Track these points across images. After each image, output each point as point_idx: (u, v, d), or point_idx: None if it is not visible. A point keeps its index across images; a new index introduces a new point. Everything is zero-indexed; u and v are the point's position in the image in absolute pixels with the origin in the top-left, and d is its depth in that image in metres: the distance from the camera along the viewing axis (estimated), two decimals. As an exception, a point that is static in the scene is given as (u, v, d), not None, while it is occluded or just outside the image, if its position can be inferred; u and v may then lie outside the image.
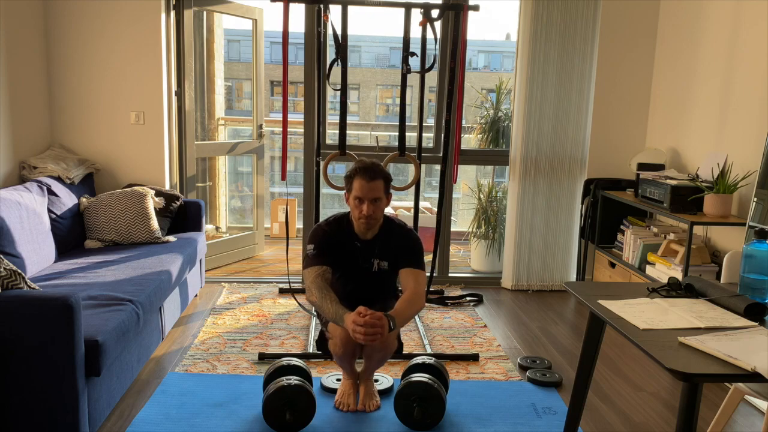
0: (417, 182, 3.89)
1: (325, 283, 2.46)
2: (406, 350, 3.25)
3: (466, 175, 6.11)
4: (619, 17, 4.25)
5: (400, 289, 2.63)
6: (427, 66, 3.71)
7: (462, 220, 5.94)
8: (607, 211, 4.22)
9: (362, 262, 2.58)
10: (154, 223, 3.70)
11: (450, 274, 4.57)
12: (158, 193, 3.91)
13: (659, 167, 3.89)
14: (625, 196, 3.90)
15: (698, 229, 3.63)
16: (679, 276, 3.25)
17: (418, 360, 2.71)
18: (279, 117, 5.00)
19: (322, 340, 2.69)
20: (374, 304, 2.54)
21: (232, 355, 3.14)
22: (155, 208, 3.80)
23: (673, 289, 2.01)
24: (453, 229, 4.63)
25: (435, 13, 3.62)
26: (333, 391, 2.76)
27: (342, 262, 2.56)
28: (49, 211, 3.37)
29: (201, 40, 5.09)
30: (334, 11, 3.63)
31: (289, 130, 3.78)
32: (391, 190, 2.62)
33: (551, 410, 2.67)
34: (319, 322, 3.57)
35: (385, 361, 2.63)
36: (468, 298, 4.14)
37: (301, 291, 4.19)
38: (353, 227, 2.57)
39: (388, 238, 2.59)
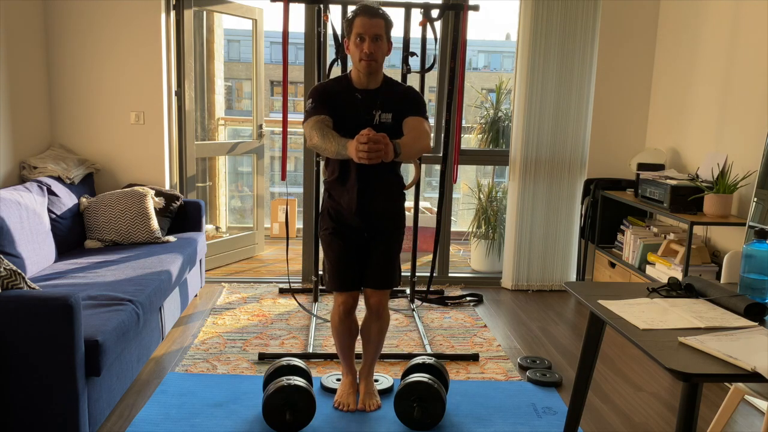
0: (417, 182, 3.89)
1: (326, 126, 2.37)
2: (405, 350, 3.25)
3: (466, 175, 6.11)
4: (619, 17, 4.25)
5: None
6: (427, 66, 3.71)
7: (462, 220, 5.94)
8: (607, 211, 4.22)
9: (364, 114, 2.47)
10: (154, 223, 3.70)
11: (450, 274, 4.57)
12: (158, 193, 3.91)
13: (659, 167, 3.89)
14: (625, 196, 3.90)
15: (698, 229, 3.63)
16: (679, 276, 3.25)
17: (418, 360, 2.71)
18: (279, 117, 5.00)
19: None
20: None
21: (232, 355, 3.13)
22: (155, 208, 3.80)
23: (673, 289, 2.01)
24: (453, 229, 4.63)
25: (435, 13, 3.62)
26: (333, 391, 2.76)
27: (343, 115, 2.45)
28: (49, 211, 3.37)
29: (201, 40, 5.09)
30: (334, 11, 3.63)
31: (289, 130, 3.77)
32: None
33: (551, 410, 2.67)
34: (319, 321, 3.57)
35: (383, 340, 2.65)
36: (468, 298, 4.14)
37: (302, 291, 4.19)
38: (353, 82, 2.49)
39: (389, 90, 2.50)
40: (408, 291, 4.07)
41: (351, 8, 3.60)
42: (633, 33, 4.28)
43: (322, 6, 3.61)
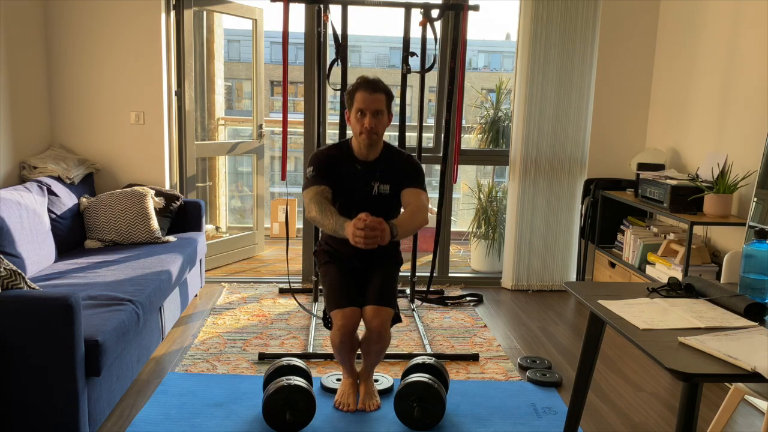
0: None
1: (325, 200, 2.41)
2: (406, 350, 3.25)
3: (466, 175, 6.11)
4: (619, 17, 4.25)
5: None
6: (427, 66, 3.71)
7: (462, 220, 5.94)
8: (607, 211, 4.22)
9: (363, 185, 2.51)
10: (154, 223, 3.70)
11: (450, 274, 4.57)
12: (158, 193, 3.91)
13: (659, 167, 3.89)
14: (625, 196, 3.90)
15: (698, 229, 3.63)
16: (679, 276, 3.25)
17: (418, 360, 2.71)
18: (279, 117, 5.00)
19: (327, 319, 2.65)
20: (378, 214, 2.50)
21: (232, 355, 3.14)
22: (155, 208, 3.80)
23: (673, 289, 2.01)
24: (453, 229, 4.63)
25: (435, 13, 3.62)
26: (333, 391, 2.76)
27: (342, 185, 2.49)
28: (49, 211, 3.37)
29: (201, 40, 5.09)
30: (334, 11, 3.63)
31: (289, 130, 3.77)
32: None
33: (551, 410, 2.67)
34: (319, 322, 3.57)
35: (383, 354, 2.62)
36: (468, 298, 4.14)
37: (302, 291, 4.19)
38: (353, 151, 2.52)
39: (389, 161, 2.54)
40: (408, 291, 4.07)
41: (351, 7, 3.61)
42: (633, 33, 4.28)
43: (322, 6, 3.61)
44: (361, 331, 2.59)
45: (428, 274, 4.06)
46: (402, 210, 2.56)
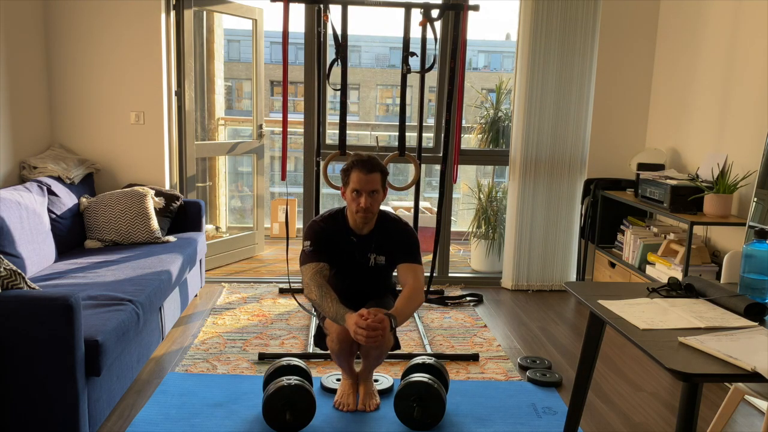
0: (417, 182, 3.89)
1: (324, 280, 2.46)
2: (405, 350, 3.25)
3: (466, 175, 6.11)
4: (619, 17, 4.25)
5: (398, 288, 2.63)
6: (427, 66, 3.71)
7: (462, 220, 5.94)
8: (607, 211, 4.22)
9: (359, 257, 2.58)
10: (154, 223, 3.70)
11: (450, 274, 4.57)
12: (158, 193, 3.91)
13: (659, 167, 3.89)
14: (625, 196, 3.90)
15: (698, 229, 3.63)
16: (679, 276, 3.25)
17: (418, 360, 2.71)
18: (279, 117, 5.00)
19: (320, 336, 2.68)
20: (371, 299, 2.59)
21: (232, 355, 3.13)
22: (155, 208, 3.80)
23: (673, 289, 2.01)
24: (453, 229, 4.63)
25: (435, 13, 3.62)
26: (333, 391, 2.76)
27: (339, 257, 2.56)
28: (49, 211, 3.37)
29: (201, 40, 5.09)
30: (334, 11, 3.63)
31: (289, 130, 3.77)
32: (391, 190, 2.63)
33: (551, 410, 2.67)
34: (317, 319, 3.57)
35: (383, 359, 2.62)
36: (468, 298, 4.14)
37: (301, 291, 4.18)
38: (348, 223, 2.57)
39: (384, 232, 2.58)
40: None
41: (351, 7, 3.61)
42: (633, 33, 4.28)
43: (322, 6, 3.61)
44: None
45: (428, 274, 4.06)
46: (398, 286, 2.62)
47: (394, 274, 2.72)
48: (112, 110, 4.05)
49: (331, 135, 4.41)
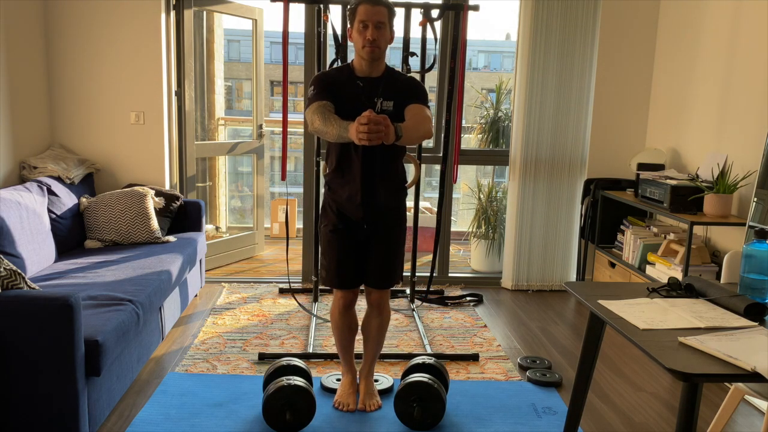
0: (417, 182, 3.89)
1: (328, 110, 2.37)
2: (405, 350, 3.25)
3: (466, 175, 6.11)
4: (619, 17, 4.25)
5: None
6: (427, 66, 3.71)
7: (462, 220, 5.94)
8: (607, 211, 4.22)
9: (365, 101, 2.45)
10: (154, 223, 3.70)
11: (450, 274, 4.57)
12: (158, 193, 3.91)
13: (659, 167, 3.89)
14: (625, 196, 3.90)
15: (698, 229, 3.63)
16: (679, 276, 3.25)
17: (418, 360, 2.71)
18: (279, 117, 5.00)
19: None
20: (379, 155, 2.48)
21: (232, 355, 3.13)
22: (155, 208, 3.80)
23: (673, 289, 2.01)
24: (453, 229, 4.63)
25: (435, 13, 3.62)
26: (333, 391, 2.76)
27: (345, 103, 2.43)
28: (49, 211, 3.37)
29: (201, 40, 5.09)
30: (334, 11, 3.63)
31: (289, 130, 3.77)
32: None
33: (551, 410, 2.67)
34: (320, 321, 3.57)
35: (383, 337, 2.66)
36: (468, 298, 4.14)
37: (302, 291, 4.19)
38: (355, 71, 2.49)
39: (391, 80, 2.51)
40: (408, 291, 4.07)
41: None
42: (633, 33, 4.28)
43: (322, 6, 3.61)
44: (360, 313, 2.63)
45: (428, 274, 4.06)
46: None
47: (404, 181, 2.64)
48: (112, 110, 4.05)
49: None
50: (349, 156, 2.46)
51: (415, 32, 3.68)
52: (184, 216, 4.02)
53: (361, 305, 2.59)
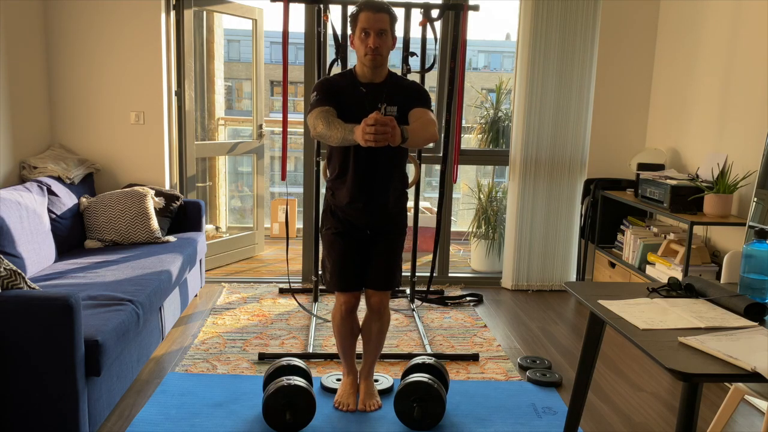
0: (417, 182, 3.89)
1: (331, 115, 2.36)
2: (405, 350, 3.25)
3: (466, 175, 6.11)
4: (619, 17, 4.25)
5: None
6: (427, 66, 3.71)
7: (462, 220, 5.94)
8: (607, 211, 4.22)
9: (369, 108, 2.42)
10: (154, 223, 3.70)
11: (450, 274, 4.57)
12: (158, 193, 3.91)
13: (659, 167, 3.89)
14: (625, 196, 3.90)
15: (698, 229, 3.63)
16: (679, 276, 3.25)
17: (418, 360, 2.71)
18: (279, 117, 5.00)
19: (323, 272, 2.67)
20: (381, 163, 2.48)
21: (232, 355, 3.13)
22: (155, 208, 3.80)
23: (673, 289, 2.01)
24: (453, 229, 4.63)
25: (435, 13, 3.62)
26: (333, 391, 2.76)
27: (348, 109, 2.42)
28: (49, 211, 3.37)
29: (201, 40, 5.09)
30: (334, 11, 3.63)
31: (289, 130, 3.77)
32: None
33: (551, 410, 2.67)
34: (320, 321, 3.57)
35: (383, 340, 2.65)
36: (468, 298, 4.14)
37: (302, 291, 4.19)
38: (357, 76, 2.48)
39: (395, 85, 2.50)
40: (408, 291, 4.07)
41: (351, 8, 3.60)
42: (633, 33, 4.28)
43: (322, 6, 3.61)
44: (361, 315, 2.62)
45: (428, 274, 4.06)
46: None
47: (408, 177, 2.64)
48: (112, 110, 4.05)
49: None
50: (351, 161, 2.45)
51: (415, 32, 3.68)
52: (184, 216, 4.02)
53: (361, 307, 2.57)
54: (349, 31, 2.50)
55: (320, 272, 2.77)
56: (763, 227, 1.93)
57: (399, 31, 2.64)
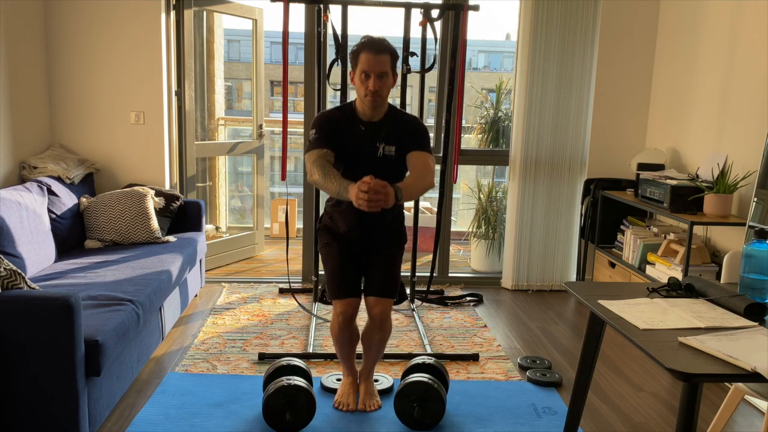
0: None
1: (328, 163, 2.37)
2: (405, 350, 3.25)
3: (466, 175, 6.11)
4: (619, 17, 4.25)
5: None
6: (427, 66, 3.71)
7: (462, 220, 5.94)
8: (607, 211, 4.22)
9: (368, 147, 2.44)
10: (154, 223, 3.70)
11: (450, 274, 4.57)
12: (158, 193, 3.91)
13: (659, 167, 3.89)
14: (625, 196, 3.90)
15: (698, 229, 3.63)
16: (679, 276, 3.25)
17: (418, 360, 2.71)
18: (279, 117, 5.00)
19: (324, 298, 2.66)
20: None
21: (232, 355, 3.13)
22: (155, 208, 3.80)
23: (673, 289, 2.01)
24: (453, 229, 4.63)
25: (435, 13, 3.62)
26: (333, 391, 2.76)
27: (346, 147, 2.43)
28: (49, 211, 3.37)
29: (201, 40, 5.09)
30: (334, 11, 3.63)
31: (289, 130, 3.77)
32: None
33: (551, 410, 2.67)
34: (320, 321, 3.57)
35: (384, 347, 2.63)
36: (468, 298, 4.14)
37: (302, 291, 4.19)
38: (357, 112, 2.47)
39: (393, 123, 2.48)
40: (408, 291, 4.07)
41: (351, 7, 3.61)
42: (633, 33, 4.28)
43: (322, 6, 3.61)
44: (361, 323, 2.61)
45: (428, 274, 4.06)
46: (408, 173, 2.49)
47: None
48: (112, 110, 4.05)
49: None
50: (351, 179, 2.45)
51: (415, 32, 3.68)
52: (184, 216, 4.02)
53: (362, 314, 2.55)
54: (349, 69, 2.49)
55: (320, 288, 2.75)
56: (763, 227, 1.93)
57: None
